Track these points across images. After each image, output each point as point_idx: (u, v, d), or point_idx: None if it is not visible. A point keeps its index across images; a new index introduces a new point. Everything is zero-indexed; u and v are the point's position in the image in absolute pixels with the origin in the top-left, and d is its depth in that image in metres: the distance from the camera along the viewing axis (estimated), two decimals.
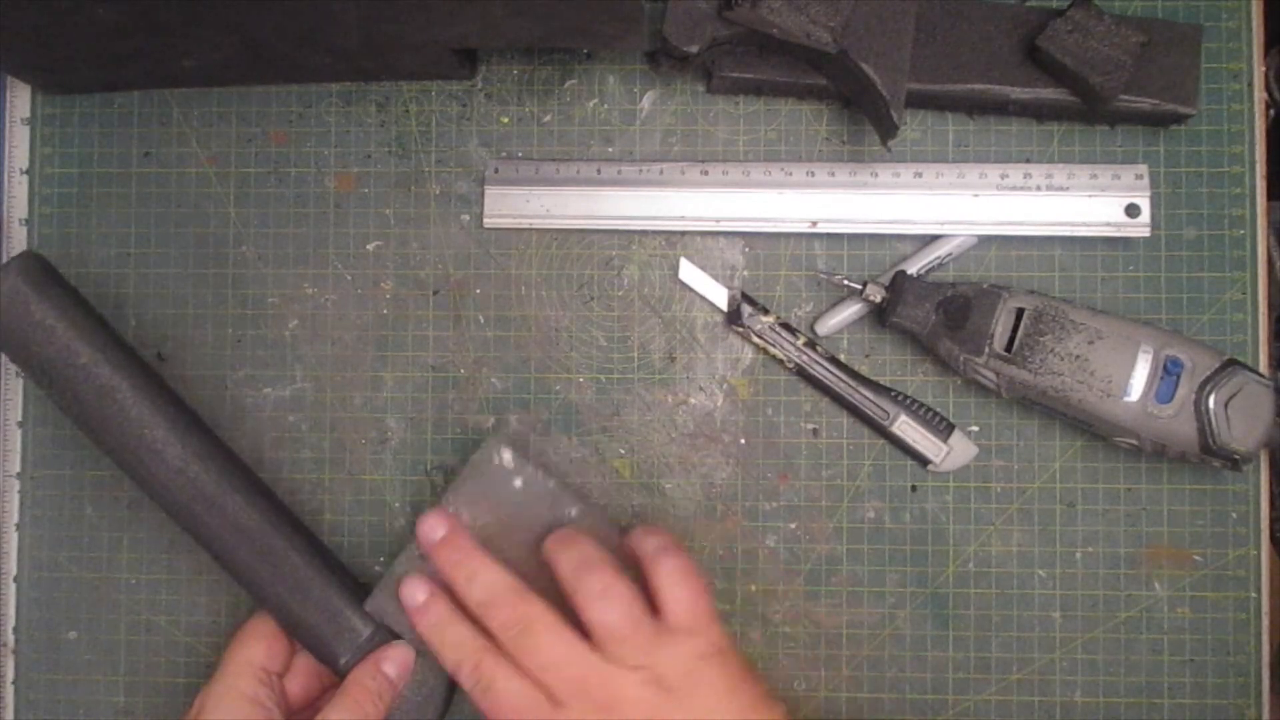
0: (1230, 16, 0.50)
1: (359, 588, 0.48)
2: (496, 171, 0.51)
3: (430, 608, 0.44)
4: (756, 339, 0.50)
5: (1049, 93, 0.48)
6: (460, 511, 0.46)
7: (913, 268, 0.50)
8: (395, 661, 0.46)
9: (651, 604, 0.42)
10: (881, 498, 0.50)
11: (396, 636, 0.46)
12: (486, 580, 0.43)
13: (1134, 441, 0.46)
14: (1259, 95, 0.50)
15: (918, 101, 0.49)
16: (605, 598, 0.41)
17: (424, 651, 0.46)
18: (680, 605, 0.42)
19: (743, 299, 0.50)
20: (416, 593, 0.45)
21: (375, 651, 0.46)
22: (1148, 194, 0.49)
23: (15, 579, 0.52)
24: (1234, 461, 0.45)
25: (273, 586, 0.46)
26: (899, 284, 0.48)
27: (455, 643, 0.43)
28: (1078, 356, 0.45)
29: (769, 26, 0.45)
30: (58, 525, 0.52)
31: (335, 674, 0.46)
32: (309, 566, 0.46)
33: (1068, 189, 0.49)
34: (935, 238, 0.50)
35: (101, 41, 0.47)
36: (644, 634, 0.41)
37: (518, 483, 0.46)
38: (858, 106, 0.50)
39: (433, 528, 0.45)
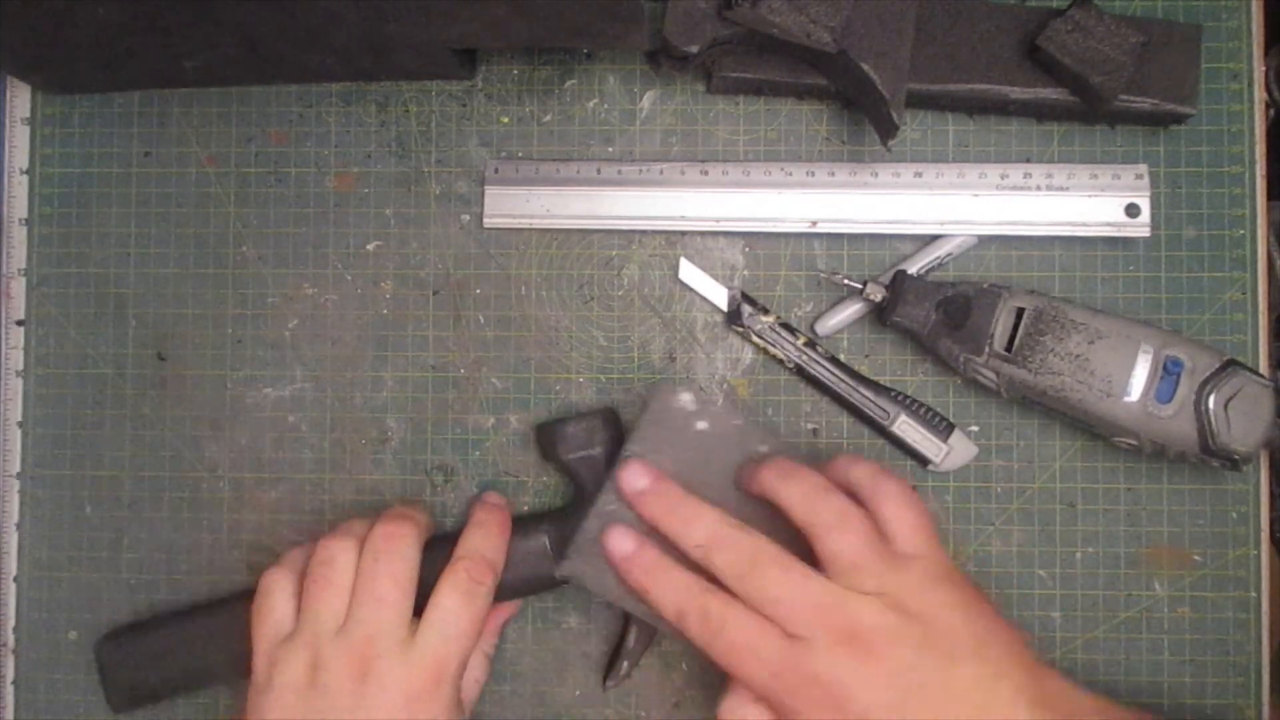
0: (1230, 16, 0.50)
1: None
2: (496, 171, 0.51)
3: (641, 555, 0.42)
4: (756, 339, 0.50)
5: (1049, 93, 0.48)
6: (649, 460, 0.44)
7: (913, 268, 0.50)
8: (494, 499, 0.49)
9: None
10: None
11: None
12: (706, 522, 0.42)
13: (1133, 442, 0.46)
14: (1259, 95, 0.50)
15: (918, 101, 0.49)
16: (843, 525, 0.40)
17: (625, 607, 0.44)
18: (909, 528, 0.41)
19: (743, 299, 0.50)
20: (625, 542, 0.43)
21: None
22: (1148, 194, 0.49)
23: (15, 579, 0.52)
24: (1233, 462, 0.45)
25: None
26: (899, 283, 0.48)
27: (676, 587, 0.41)
28: (1078, 356, 0.45)
29: (769, 26, 0.45)
30: (58, 525, 0.52)
31: None
32: None
33: (1068, 189, 0.49)
34: (935, 238, 0.50)
35: (102, 41, 0.47)
36: (879, 560, 0.40)
37: (701, 424, 0.44)
38: (858, 106, 0.50)
39: (635, 477, 0.43)
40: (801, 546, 0.42)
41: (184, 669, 0.47)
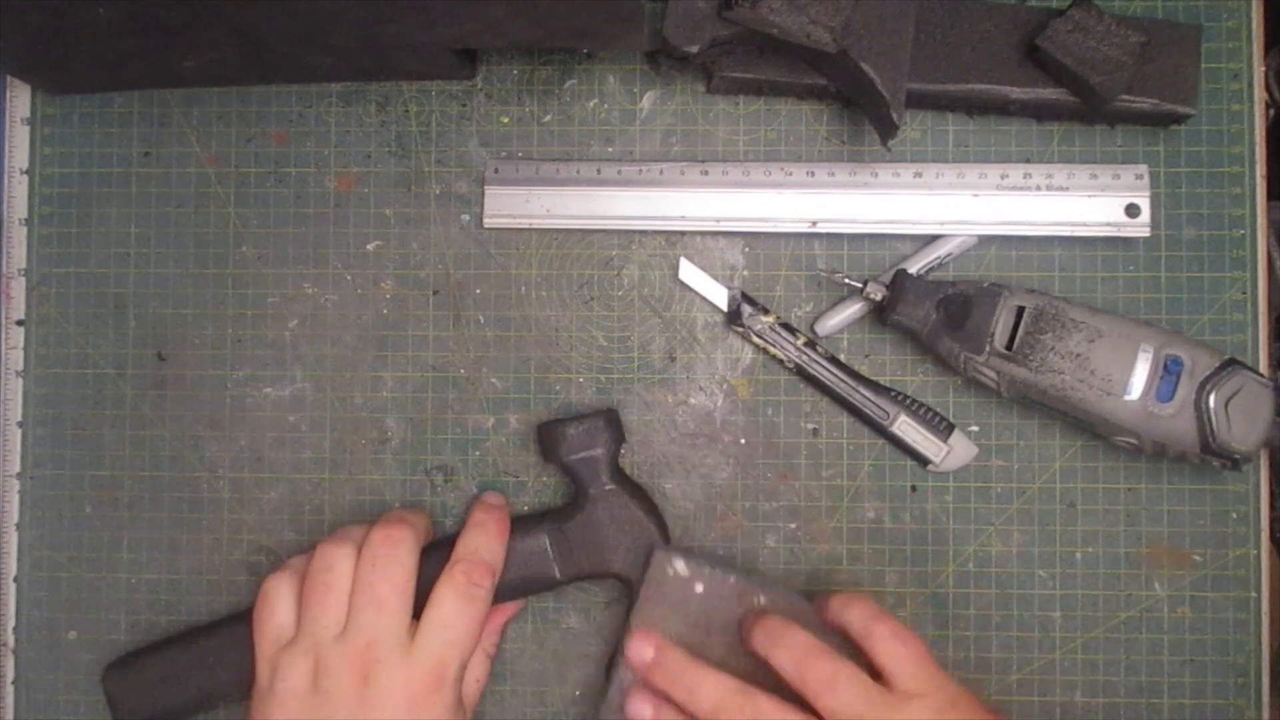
0: (1230, 16, 0.50)
1: None
2: (496, 171, 0.51)
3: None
4: (756, 339, 0.50)
5: (1049, 93, 0.48)
6: (652, 630, 0.46)
7: (913, 268, 0.50)
8: (493, 499, 0.50)
9: (872, 670, 0.42)
10: (881, 498, 0.50)
11: None
12: (708, 688, 0.43)
13: (1134, 441, 0.46)
14: (1259, 95, 0.50)
15: (918, 101, 0.49)
16: (835, 686, 0.41)
17: None
18: (906, 670, 0.42)
19: (743, 299, 0.50)
20: (644, 710, 0.44)
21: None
22: (1148, 194, 0.49)
23: (15, 579, 0.52)
24: (1234, 461, 0.45)
25: None
26: (899, 282, 0.48)
27: None
28: (1078, 355, 0.45)
29: (769, 26, 0.45)
30: (58, 525, 0.52)
31: None
32: None
33: (1068, 189, 0.49)
34: (935, 238, 0.50)
35: (101, 41, 0.47)
36: (879, 707, 0.41)
37: (699, 588, 0.46)
38: (858, 106, 0.50)
39: (641, 650, 0.45)
40: None
41: (193, 691, 0.47)
